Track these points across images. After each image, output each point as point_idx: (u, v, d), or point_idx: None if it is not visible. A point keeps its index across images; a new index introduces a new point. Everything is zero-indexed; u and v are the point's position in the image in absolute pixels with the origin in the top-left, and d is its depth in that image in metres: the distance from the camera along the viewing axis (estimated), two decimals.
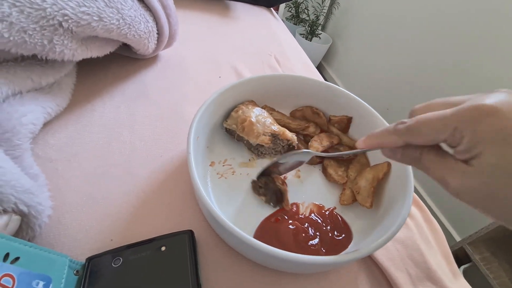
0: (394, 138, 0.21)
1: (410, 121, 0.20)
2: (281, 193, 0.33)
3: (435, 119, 0.18)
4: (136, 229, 0.30)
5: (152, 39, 0.42)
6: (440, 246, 0.37)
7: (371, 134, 0.23)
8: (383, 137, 0.22)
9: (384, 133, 0.22)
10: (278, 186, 0.33)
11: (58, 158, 0.33)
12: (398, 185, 0.32)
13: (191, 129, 0.30)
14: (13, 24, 0.25)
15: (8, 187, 0.22)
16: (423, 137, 0.19)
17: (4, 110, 0.27)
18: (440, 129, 0.18)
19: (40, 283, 0.22)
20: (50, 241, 0.27)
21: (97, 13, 0.31)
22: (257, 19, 0.79)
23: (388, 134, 0.21)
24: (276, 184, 0.33)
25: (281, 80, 0.42)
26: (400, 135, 0.21)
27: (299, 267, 0.27)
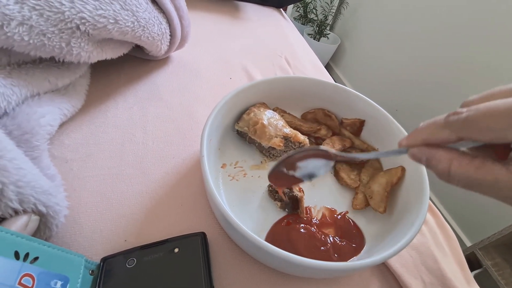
0: (445, 134, 0.17)
1: (470, 111, 0.15)
2: (297, 200, 0.33)
3: (505, 110, 0.14)
4: (149, 230, 0.30)
5: (165, 41, 0.42)
6: (454, 252, 0.36)
7: (415, 130, 0.19)
8: (431, 132, 0.18)
9: (433, 127, 0.18)
10: (294, 192, 0.32)
11: (73, 159, 0.33)
12: (412, 191, 0.31)
13: (204, 131, 0.30)
14: (33, 27, 0.26)
15: (28, 188, 0.22)
16: (486, 133, 0.15)
17: (23, 111, 0.27)
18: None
19: (58, 282, 0.22)
20: (66, 240, 0.28)
21: (113, 16, 0.31)
22: (267, 20, 0.79)
23: (436, 127, 0.17)
24: (293, 190, 0.33)
25: (292, 82, 0.42)
26: (455, 128, 0.16)
27: (312, 272, 0.26)
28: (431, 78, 1.28)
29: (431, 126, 0.18)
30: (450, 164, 0.17)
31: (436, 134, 0.18)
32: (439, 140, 0.18)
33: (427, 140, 0.18)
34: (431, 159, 0.18)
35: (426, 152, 0.18)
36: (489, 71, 1.05)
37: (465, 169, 0.16)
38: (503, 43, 1.00)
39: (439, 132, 0.17)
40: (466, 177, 0.16)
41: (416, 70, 1.36)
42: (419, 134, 0.19)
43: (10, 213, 0.22)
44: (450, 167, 0.17)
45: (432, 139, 0.18)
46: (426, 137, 0.18)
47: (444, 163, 0.17)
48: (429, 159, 0.18)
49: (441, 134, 0.17)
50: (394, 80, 1.50)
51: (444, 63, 1.21)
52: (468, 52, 1.11)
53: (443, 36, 1.21)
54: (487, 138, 0.15)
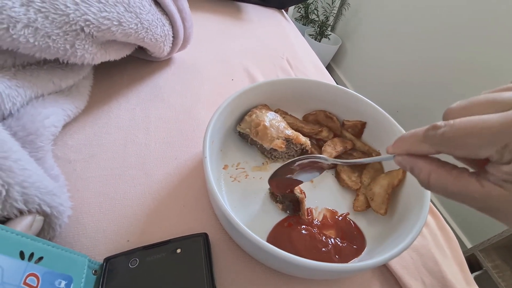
0: (424, 147, 0.17)
1: (447, 127, 0.16)
2: (298, 202, 0.33)
3: (480, 130, 0.14)
4: (151, 231, 0.30)
5: (168, 42, 0.42)
6: (454, 254, 0.36)
7: (400, 138, 0.20)
8: (411, 142, 0.19)
9: (412, 138, 0.18)
10: (296, 195, 0.33)
11: (77, 159, 0.34)
12: (413, 193, 0.32)
13: (207, 133, 0.31)
14: (38, 30, 0.26)
15: (33, 189, 0.22)
16: (460, 149, 0.15)
17: (27, 112, 0.27)
18: (485, 143, 0.14)
19: (62, 282, 0.22)
20: (69, 240, 0.28)
21: (117, 18, 0.31)
22: (269, 21, 0.79)
23: (416, 140, 0.18)
24: (294, 192, 0.33)
25: (294, 84, 0.42)
26: (432, 143, 0.17)
27: (313, 273, 0.27)
28: (432, 79, 1.28)
29: (412, 138, 0.18)
30: (429, 175, 0.17)
31: (416, 147, 0.18)
32: (419, 152, 0.18)
33: (409, 150, 0.19)
34: (413, 168, 0.19)
35: (409, 161, 0.19)
36: (490, 72, 1.05)
37: (442, 181, 0.17)
38: (504, 44, 1.00)
39: (419, 145, 0.18)
40: (443, 188, 0.17)
41: (417, 71, 1.36)
42: (402, 144, 0.19)
43: (15, 213, 0.22)
44: (429, 178, 0.18)
45: (413, 151, 0.19)
46: (408, 148, 0.19)
47: (424, 173, 0.18)
48: (411, 168, 0.19)
49: (420, 147, 0.18)
50: (395, 81, 1.50)
51: (445, 64, 1.22)
52: (469, 53, 1.12)
53: (444, 37, 1.21)
54: (461, 154, 0.16)
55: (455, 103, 0.17)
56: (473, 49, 1.10)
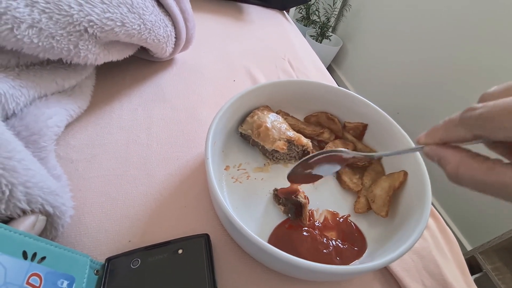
0: (460, 132, 0.16)
1: (485, 107, 0.15)
2: (301, 207, 0.32)
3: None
4: (153, 231, 0.30)
5: (170, 43, 0.42)
6: (455, 257, 0.36)
7: (433, 127, 0.18)
8: (445, 130, 0.17)
9: (448, 124, 0.17)
10: (299, 199, 0.32)
11: (79, 159, 0.34)
12: (414, 195, 0.32)
13: (209, 134, 0.31)
14: (42, 30, 0.26)
15: (36, 189, 0.22)
16: (499, 132, 0.14)
17: (31, 112, 0.28)
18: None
19: (65, 282, 0.22)
20: (71, 240, 0.28)
21: (120, 19, 0.32)
22: (271, 22, 0.79)
23: (452, 125, 0.17)
24: (298, 196, 0.32)
25: (295, 86, 0.42)
26: (469, 126, 0.16)
27: (314, 275, 0.27)
28: (433, 80, 1.28)
29: (447, 124, 0.17)
30: (458, 166, 0.16)
31: (452, 132, 0.17)
32: (455, 138, 0.17)
33: (444, 138, 0.18)
34: (441, 159, 0.18)
35: (438, 152, 0.18)
36: (492, 73, 1.05)
37: (473, 172, 0.16)
38: (505, 45, 1.00)
39: (455, 130, 0.17)
40: (474, 180, 0.16)
41: (417, 72, 1.36)
42: (437, 132, 0.18)
43: (18, 213, 0.22)
44: (458, 169, 0.16)
45: (448, 138, 0.17)
46: (442, 136, 0.18)
47: (452, 164, 0.17)
48: (439, 159, 0.18)
49: (456, 132, 0.17)
50: (396, 83, 1.50)
51: (446, 65, 1.22)
52: (470, 54, 1.12)
53: (445, 38, 1.22)
54: (500, 137, 0.14)
55: (492, 88, 0.16)
56: (474, 50, 1.10)
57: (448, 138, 0.18)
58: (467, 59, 1.13)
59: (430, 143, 0.19)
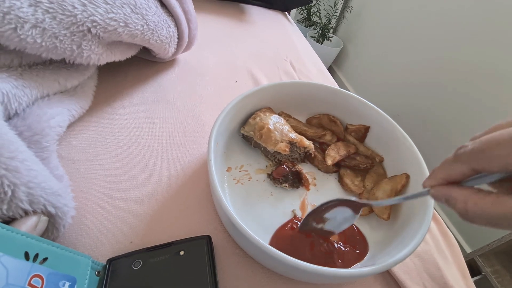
0: (460, 168, 0.17)
1: (475, 142, 0.16)
2: (298, 174, 0.36)
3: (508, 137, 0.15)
4: (154, 232, 0.30)
5: (173, 44, 0.42)
6: (455, 260, 0.36)
7: (433, 170, 0.20)
8: (446, 169, 0.18)
9: (445, 164, 0.18)
10: (294, 169, 0.36)
11: (80, 159, 0.34)
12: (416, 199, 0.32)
13: (211, 136, 0.31)
14: (46, 30, 0.26)
15: (39, 189, 0.22)
16: (494, 161, 0.15)
17: (33, 112, 0.27)
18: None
19: (66, 283, 0.22)
20: (73, 241, 0.28)
21: (123, 19, 0.32)
22: (272, 23, 0.79)
23: (449, 164, 0.18)
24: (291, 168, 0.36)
25: (298, 87, 0.42)
26: (464, 161, 0.17)
27: (316, 277, 0.27)
28: (434, 82, 1.28)
29: (444, 164, 0.18)
30: (467, 202, 0.17)
31: (450, 170, 0.18)
32: (455, 175, 0.18)
33: (446, 177, 0.19)
34: (449, 198, 0.18)
35: (444, 192, 0.19)
36: (492, 74, 1.05)
37: (481, 206, 0.16)
38: (506, 46, 1.00)
39: (452, 167, 0.18)
40: (483, 214, 0.16)
41: (418, 74, 1.37)
42: (437, 173, 0.19)
43: (20, 214, 0.22)
44: (467, 206, 0.17)
45: (449, 176, 0.18)
46: (443, 175, 0.19)
47: (460, 202, 0.17)
48: (447, 199, 0.18)
49: (454, 170, 0.18)
50: (396, 84, 1.50)
51: (447, 67, 1.22)
52: (471, 56, 1.12)
53: (446, 39, 1.22)
54: (495, 166, 0.15)
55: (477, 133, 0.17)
56: (475, 51, 1.10)
57: (449, 176, 0.18)
58: (468, 60, 1.13)
59: (434, 184, 0.19)
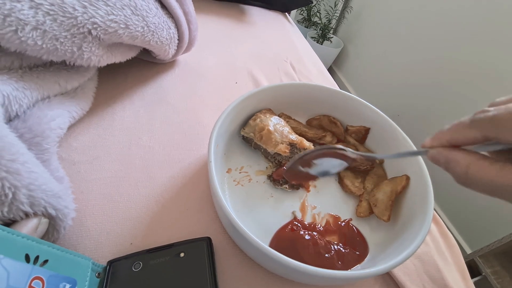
0: (471, 133, 0.16)
1: (498, 109, 0.15)
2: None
3: None
4: (155, 234, 0.30)
5: (173, 45, 0.42)
6: (455, 261, 0.36)
7: (440, 131, 0.19)
8: (456, 131, 0.18)
9: (458, 126, 0.17)
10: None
11: (81, 161, 0.34)
12: (417, 200, 0.32)
13: (212, 137, 0.31)
14: (46, 32, 0.26)
15: (39, 191, 0.22)
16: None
17: (34, 114, 0.27)
18: None
19: (67, 285, 0.22)
20: (73, 242, 0.28)
21: (124, 21, 0.32)
22: (273, 24, 0.79)
23: (463, 127, 0.17)
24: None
25: (298, 89, 0.42)
26: (481, 127, 0.16)
27: (316, 279, 0.27)
28: (434, 82, 1.28)
29: (456, 126, 0.17)
30: (468, 167, 0.16)
31: (462, 134, 0.17)
32: (465, 139, 0.17)
33: (451, 140, 0.18)
34: (450, 161, 0.18)
35: (445, 154, 0.18)
36: (493, 75, 1.05)
37: (484, 173, 0.16)
38: (507, 46, 1.00)
39: (465, 131, 0.17)
40: (484, 181, 0.16)
41: (418, 75, 1.37)
42: (444, 135, 0.18)
43: (21, 216, 0.22)
44: (468, 170, 0.16)
45: (457, 139, 0.17)
46: (451, 137, 0.18)
47: (462, 165, 0.17)
48: (447, 161, 0.18)
49: (467, 134, 0.17)
50: (397, 85, 1.50)
51: (447, 67, 1.22)
52: (472, 56, 1.12)
53: (446, 40, 1.22)
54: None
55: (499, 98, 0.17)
56: (475, 52, 1.10)
57: (457, 140, 0.18)
58: (468, 61, 1.13)
59: (437, 145, 0.19)
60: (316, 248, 0.31)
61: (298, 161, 0.30)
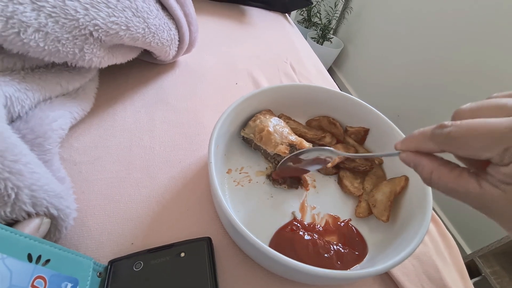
0: (430, 145, 0.18)
1: (453, 127, 0.16)
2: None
3: (484, 132, 0.15)
4: (155, 234, 0.30)
5: (174, 46, 0.43)
6: (454, 261, 0.37)
7: (409, 136, 0.21)
8: (419, 141, 0.20)
9: (421, 136, 0.19)
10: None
11: (82, 161, 0.34)
12: (415, 200, 0.32)
13: (212, 138, 0.31)
14: (49, 34, 0.26)
15: (42, 192, 0.23)
16: (465, 150, 0.16)
17: (36, 115, 0.28)
18: (488, 145, 0.15)
19: (69, 285, 0.22)
20: (74, 242, 0.28)
21: (125, 23, 0.32)
22: (273, 25, 0.79)
23: (424, 138, 0.19)
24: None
25: (298, 90, 0.42)
26: (438, 142, 0.18)
27: (315, 279, 0.27)
28: (434, 83, 1.29)
29: (420, 136, 0.20)
30: (432, 172, 0.19)
31: (423, 145, 0.19)
32: (426, 150, 0.19)
33: (416, 148, 0.20)
34: (417, 165, 0.20)
35: (413, 159, 0.20)
36: (493, 75, 1.05)
37: (443, 179, 0.18)
38: (507, 47, 1.00)
39: (426, 143, 0.19)
40: (443, 186, 0.18)
41: (418, 75, 1.37)
42: (411, 142, 0.21)
43: (24, 216, 0.22)
44: (432, 175, 0.19)
45: (420, 148, 0.20)
46: (416, 146, 0.20)
47: (426, 171, 0.19)
48: (415, 165, 0.20)
49: (427, 145, 0.19)
50: (396, 85, 1.51)
51: (447, 68, 1.22)
52: (472, 57, 1.12)
53: (446, 41, 1.22)
54: (464, 154, 0.17)
55: (465, 104, 0.18)
56: (475, 52, 1.11)
57: (420, 149, 0.20)
58: (468, 61, 1.13)
59: (405, 150, 0.21)
60: (315, 248, 0.31)
61: (287, 160, 0.34)
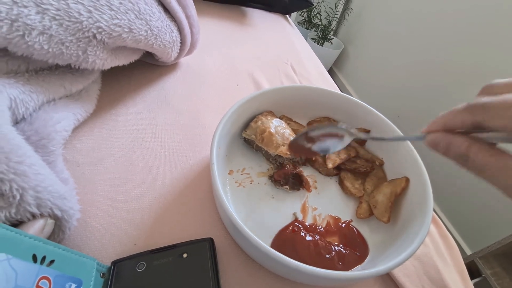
0: (463, 116, 0.18)
1: (490, 98, 0.17)
2: (299, 176, 0.37)
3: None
4: (158, 235, 0.31)
5: (175, 48, 0.43)
6: (455, 262, 0.37)
7: (436, 118, 0.21)
8: (449, 115, 0.19)
9: (452, 111, 0.19)
10: (293, 171, 0.36)
11: (85, 163, 0.34)
12: (416, 201, 0.32)
13: (214, 140, 0.31)
14: (53, 37, 0.27)
15: (46, 193, 0.23)
16: (501, 120, 0.16)
17: (40, 117, 0.28)
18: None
19: (73, 285, 0.23)
20: (78, 243, 0.29)
21: (128, 25, 0.32)
22: (273, 26, 0.80)
23: (456, 112, 0.19)
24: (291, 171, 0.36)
25: (299, 91, 0.42)
26: (473, 112, 0.17)
27: (317, 280, 0.27)
28: (434, 84, 1.29)
29: (451, 111, 0.19)
30: (469, 148, 0.18)
31: (456, 117, 0.19)
32: (458, 122, 0.19)
33: (446, 123, 0.20)
34: (450, 143, 0.19)
35: (445, 138, 0.19)
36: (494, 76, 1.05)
37: (481, 153, 0.17)
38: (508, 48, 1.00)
39: (457, 115, 0.19)
40: (483, 162, 0.17)
41: (418, 76, 1.37)
42: (439, 120, 0.20)
43: (28, 217, 0.22)
44: (470, 150, 0.18)
45: (452, 122, 0.19)
46: (445, 122, 0.20)
47: (463, 147, 0.18)
48: (448, 144, 0.19)
49: (460, 117, 0.18)
50: (397, 86, 1.51)
51: (448, 69, 1.22)
52: (472, 58, 1.12)
53: (446, 42, 1.22)
54: (496, 124, 0.16)
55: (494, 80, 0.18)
56: (475, 53, 1.11)
57: (452, 122, 0.19)
58: (468, 62, 1.14)
59: (433, 130, 0.20)
60: (317, 249, 0.31)
61: (304, 135, 0.32)
